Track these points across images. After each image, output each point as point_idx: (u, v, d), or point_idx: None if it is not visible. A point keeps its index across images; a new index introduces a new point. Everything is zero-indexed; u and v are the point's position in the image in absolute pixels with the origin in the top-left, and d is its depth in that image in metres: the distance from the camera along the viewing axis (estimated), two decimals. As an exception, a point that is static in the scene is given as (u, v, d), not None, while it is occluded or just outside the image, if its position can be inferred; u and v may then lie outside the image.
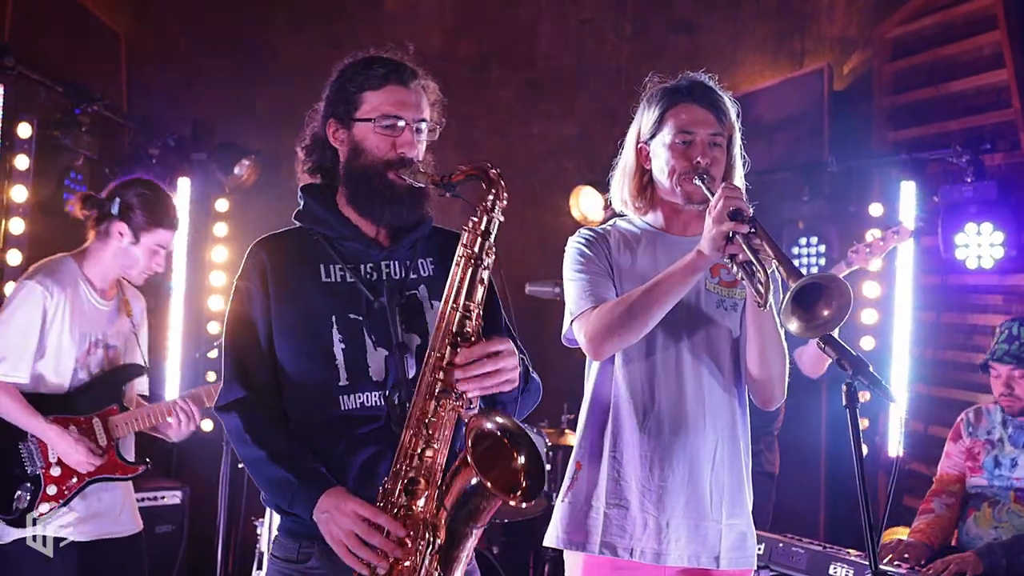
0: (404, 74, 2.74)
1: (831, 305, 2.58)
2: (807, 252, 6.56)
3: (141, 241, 4.20)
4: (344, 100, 2.73)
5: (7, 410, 4.03)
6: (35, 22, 6.34)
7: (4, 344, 4.04)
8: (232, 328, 2.72)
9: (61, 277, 4.13)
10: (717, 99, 3.19)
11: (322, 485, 2.50)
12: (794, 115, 7.23)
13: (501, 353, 2.48)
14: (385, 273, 2.73)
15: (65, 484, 4.11)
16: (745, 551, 3.12)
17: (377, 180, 2.68)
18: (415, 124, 2.72)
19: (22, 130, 5.59)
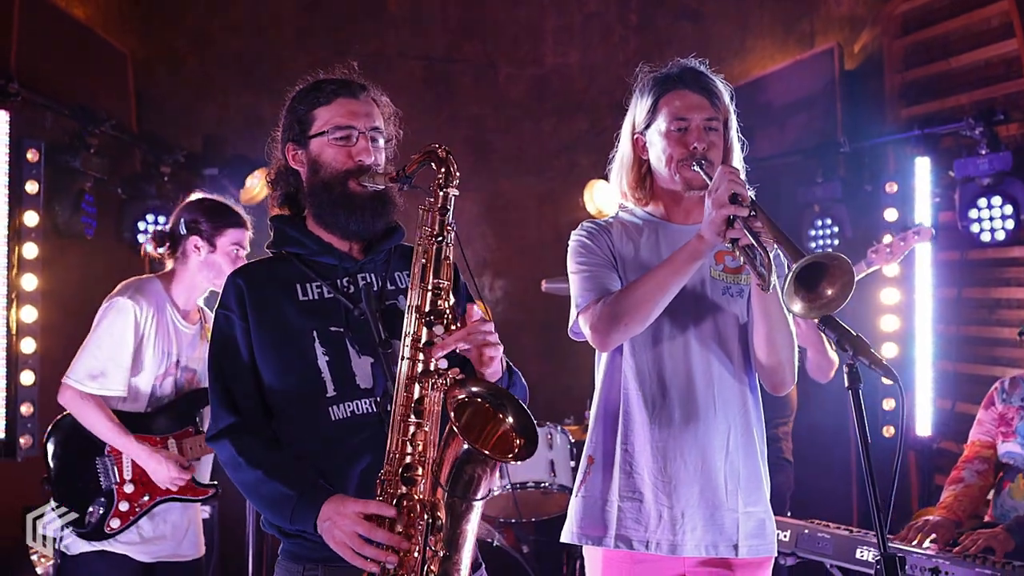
0: (353, 87, 2.77)
1: (835, 284, 2.55)
2: (823, 235, 6.48)
3: (218, 247, 4.26)
4: (297, 121, 2.76)
5: (98, 426, 4.11)
6: (41, 46, 6.36)
7: (102, 359, 4.13)
8: (216, 357, 2.72)
9: (149, 294, 4.22)
10: (709, 83, 3.14)
11: (322, 494, 2.48)
12: (805, 97, 7.18)
13: (481, 320, 2.48)
14: (362, 284, 2.74)
15: (137, 501, 4.16)
16: (764, 538, 3.09)
17: (338, 190, 2.69)
18: (369, 132, 2.73)
19: (30, 155, 5.62)
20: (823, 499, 6.50)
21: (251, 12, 7.70)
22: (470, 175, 8.22)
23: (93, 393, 4.12)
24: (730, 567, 3.05)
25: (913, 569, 3.89)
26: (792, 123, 7.22)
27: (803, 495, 5.78)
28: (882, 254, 5.07)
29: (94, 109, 6.24)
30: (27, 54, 6.13)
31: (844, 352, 2.48)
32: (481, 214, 8.09)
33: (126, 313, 4.13)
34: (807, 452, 5.86)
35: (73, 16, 7.06)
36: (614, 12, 8.07)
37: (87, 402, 4.11)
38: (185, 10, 7.63)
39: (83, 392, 4.11)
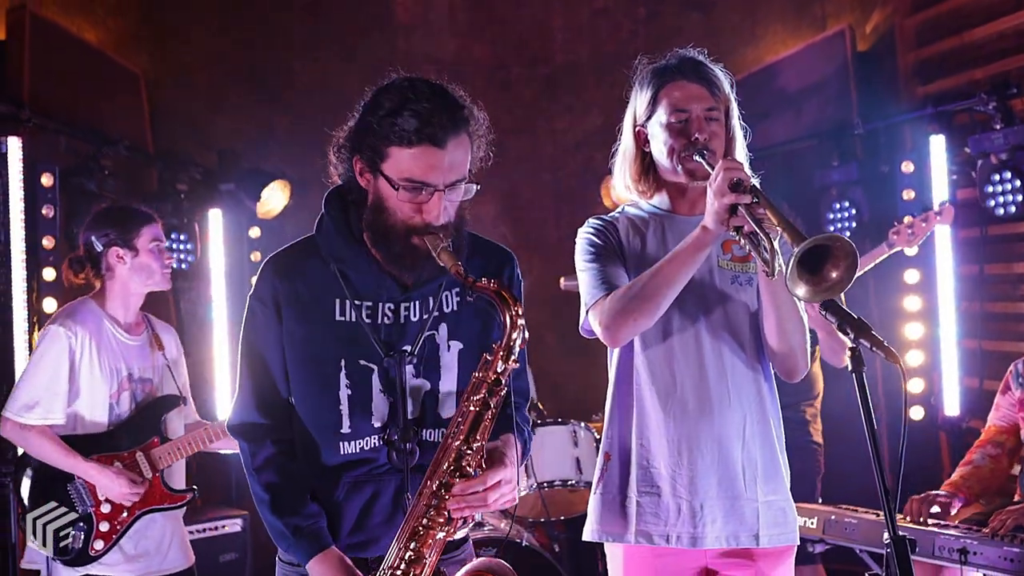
0: (438, 131, 2.41)
1: (839, 266, 2.51)
2: (841, 217, 6.42)
3: (139, 249, 4.24)
4: (370, 146, 2.47)
5: (46, 453, 4.11)
6: (54, 72, 6.42)
7: (35, 389, 4.12)
8: (247, 346, 2.68)
9: (83, 317, 4.20)
10: (709, 73, 3.12)
11: (316, 547, 2.53)
12: (819, 81, 7.14)
13: (498, 484, 2.46)
14: (404, 316, 2.62)
15: (117, 519, 4.18)
16: (786, 527, 3.06)
17: (399, 244, 2.49)
18: (446, 188, 2.47)
19: (44, 179, 5.67)
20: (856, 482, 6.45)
21: (260, 26, 7.72)
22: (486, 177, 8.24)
23: (33, 423, 4.10)
24: (752, 557, 3.03)
25: (941, 550, 3.86)
26: (807, 107, 7.17)
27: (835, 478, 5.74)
28: (903, 236, 5.03)
29: (107, 130, 6.30)
30: (40, 80, 6.19)
31: (846, 335, 2.45)
32: (499, 215, 8.09)
33: (59, 341, 4.12)
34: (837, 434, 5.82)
35: (84, 40, 7.12)
36: (621, 6, 8.06)
37: (28, 432, 4.11)
38: (194, 28, 7.65)
39: (22, 423, 4.10)
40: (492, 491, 2.44)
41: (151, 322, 4.47)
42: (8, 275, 5.53)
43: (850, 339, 2.43)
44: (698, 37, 7.59)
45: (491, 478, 2.44)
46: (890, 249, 5.05)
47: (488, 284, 2.40)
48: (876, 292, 6.43)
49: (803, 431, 5.15)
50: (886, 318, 6.40)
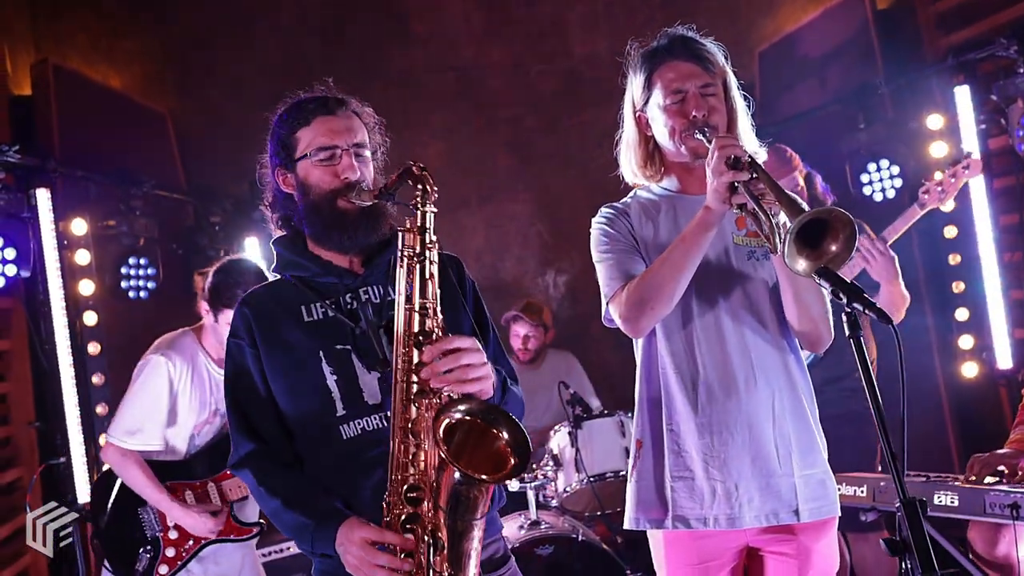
0: (330, 104, 2.77)
1: (837, 239, 2.49)
2: (877, 179, 6.30)
3: (220, 321, 4.34)
4: (282, 146, 2.78)
5: (134, 479, 4.28)
6: (81, 121, 6.55)
7: (137, 416, 4.30)
8: (231, 385, 2.77)
9: (181, 348, 4.37)
10: (700, 49, 3.09)
11: (336, 520, 2.52)
12: (842, 44, 7.04)
13: (466, 350, 2.46)
14: (364, 299, 2.76)
15: (183, 547, 4.31)
16: (826, 500, 3.03)
17: (327, 210, 2.72)
18: (352, 148, 2.73)
19: (76, 227, 5.78)
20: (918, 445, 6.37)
21: (280, 53, 7.79)
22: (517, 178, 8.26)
23: (132, 449, 4.26)
24: (793, 532, 3.00)
25: (992, 507, 3.78)
26: (832, 72, 7.08)
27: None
28: (934, 194, 4.96)
29: (139, 172, 6.39)
30: (68, 130, 6.34)
31: (839, 300, 2.42)
32: (534, 214, 8.10)
33: (160, 370, 4.28)
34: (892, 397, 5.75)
35: (109, 86, 7.26)
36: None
37: (127, 458, 4.27)
38: (216, 62, 7.76)
39: (123, 448, 4.26)
40: (464, 354, 2.45)
41: None
42: (50, 324, 5.65)
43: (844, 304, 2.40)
44: (715, 14, 7.61)
45: (457, 340, 2.47)
46: (922, 209, 4.98)
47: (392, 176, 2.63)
48: (920, 251, 6.35)
49: (859, 398, 5.08)
50: (931, 276, 6.32)
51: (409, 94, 7.96)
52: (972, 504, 3.85)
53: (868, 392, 2.32)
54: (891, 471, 2.24)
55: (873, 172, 6.23)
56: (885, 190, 6.19)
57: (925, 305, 6.33)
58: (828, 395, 4.81)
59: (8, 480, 5.75)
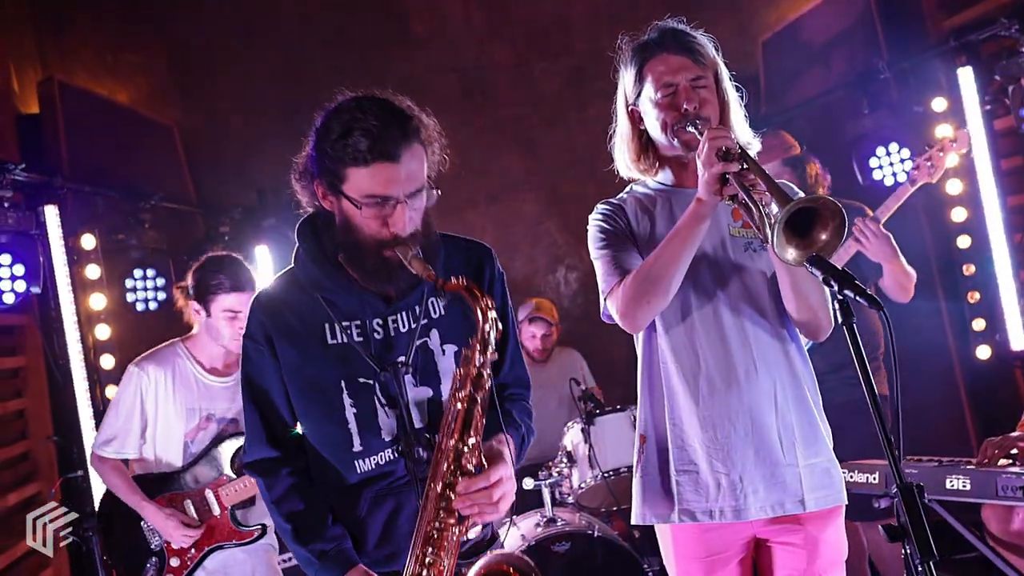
0: (390, 146, 2.43)
1: (827, 227, 2.50)
2: (887, 163, 6.27)
3: (212, 312, 4.36)
4: (328, 170, 2.49)
5: (115, 486, 4.37)
6: (88, 136, 6.60)
7: (112, 426, 4.38)
8: (249, 386, 2.73)
9: (160, 358, 4.41)
10: (690, 42, 3.08)
11: (341, 568, 2.58)
12: (846, 29, 7.03)
13: (499, 482, 2.47)
14: (393, 328, 2.65)
15: (186, 556, 4.35)
16: (832, 488, 3.02)
17: (371, 260, 2.53)
18: (408, 198, 2.48)
19: (86, 242, 5.82)
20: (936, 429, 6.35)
21: (283, 60, 7.84)
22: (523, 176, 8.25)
23: (108, 456, 4.35)
24: (800, 522, 3.00)
25: (1004, 489, 3.77)
26: (836, 58, 7.06)
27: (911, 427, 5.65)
28: (923, 170, 4.94)
29: (147, 185, 6.43)
30: (76, 145, 6.39)
31: (830, 288, 2.42)
32: (543, 212, 8.10)
33: (130, 380, 4.36)
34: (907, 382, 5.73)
35: (116, 101, 7.30)
36: (636, -17, 7.99)
37: (104, 465, 4.37)
38: (220, 72, 7.80)
39: (101, 456, 4.37)
40: (496, 488, 2.47)
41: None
42: (63, 339, 5.70)
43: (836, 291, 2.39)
44: (717, 4, 7.59)
45: (493, 475, 2.47)
46: (913, 186, 4.95)
47: (458, 282, 2.44)
48: (930, 234, 6.33)
49: (863, 385, 5.07)
50: (942, 259, 6.30)
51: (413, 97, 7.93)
52: (984, 487, 3.84)
53: (862, 379, 2.31)
54: (887, 456, 2.23)
55: (882, 156, 6.20)
56: (896, 174, 6.16)
57: (937, 289, 6.31)
58: (831, 383, 4.79)
59: (28, 494, 5.79)
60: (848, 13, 6.96)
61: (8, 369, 5.91)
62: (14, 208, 5.23)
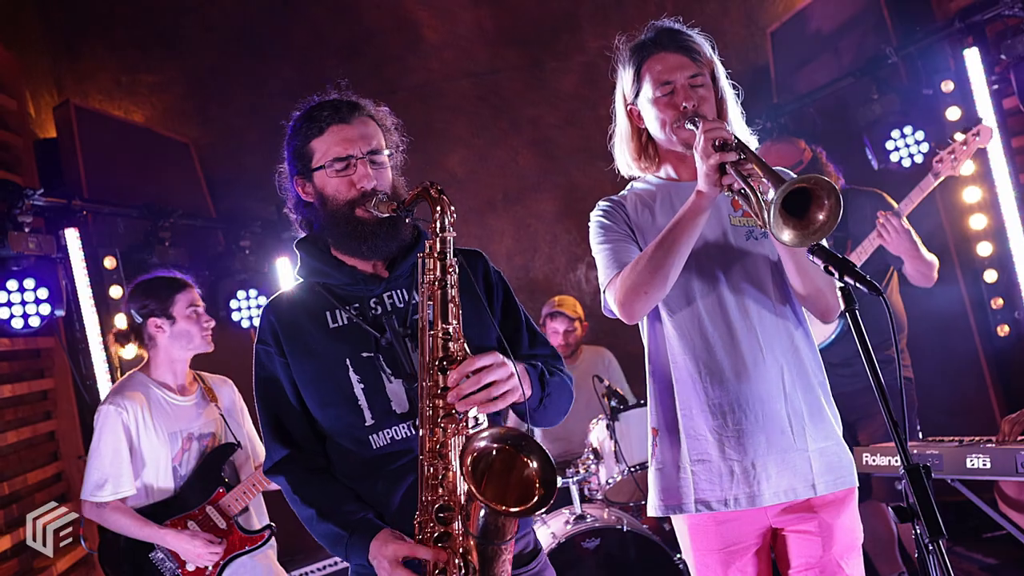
0: (342, 112, 2.75)
1: (822, 207, 2.51)
2: (902, 146, 6.24)
3: (176, 316, 4.41)
4: (297, 156, 2.77)
5: (124, 526, 4.29)
6: (106, 157, 6.69)
7: (101, 469, 4.29)
8: (261, 390, 2.81)
9: (129, 390, 4.38)
10: (686, 40, 3.12)
11: (369, 533, 2.57)
12: (853, 16, 7.03)
13: (489, 367, 2.50)
14: (389, 304, 2.78)
15: (205, 574, 4.35)
16: (841, 471, 3.04)
17: (345, 221, 2.71)
18: (367, 156, 2.72)
19: (107, 262, 5.90)
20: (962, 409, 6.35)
21: (297, 76, 7.91)
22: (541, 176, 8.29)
23: (106, 500, 4.27)
24: (813, 509, 3.03)
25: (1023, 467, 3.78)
26: (845, 45, 7.06)
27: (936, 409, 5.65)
28: (947, 163, 4.96)
29: (167, 202, 6.51)
30: (94, 167, 6.48)
31: (831, 275, 2.45)
32: (562, 210, 8.13)
33: (111, 419, 4.29)
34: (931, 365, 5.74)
35: (132, 122, 7.39)
36: (643, -21, 8.02)
37: (103, 510, 4.28)
38: (235, 88, 7.90)
39: (97, 503, 4.27)
40: (485, 373, 2.49)
41: (203, 379, 4.64)
42: (89, 359, 5.77)
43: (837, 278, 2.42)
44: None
45: (479, 360, 2.50)
46: (936, 179, 4.97)
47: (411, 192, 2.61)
48: (946, 215, 6.33)
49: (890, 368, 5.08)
50: (959, 240, 6.29)
51: (429, 103, 8.02)
52: (1004, 464, 3.84)
53: (866, 363, 2.33)
54: (894, 439, 2.25)
55: (898, 139, 6.18)
56: (913, 156, 6.15)
57: (955, 270, 6.30)
58: (856, 367, 4.83)
59: (62, 515, 5.86)
60: (855, 0, 6.98)
61: (37, 391, 5.98)
62: (35, 232, 5.30)
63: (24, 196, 5.16)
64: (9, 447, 5.56)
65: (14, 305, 5.20)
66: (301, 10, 7.99)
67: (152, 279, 4.53)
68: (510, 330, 2.89)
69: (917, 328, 5.56)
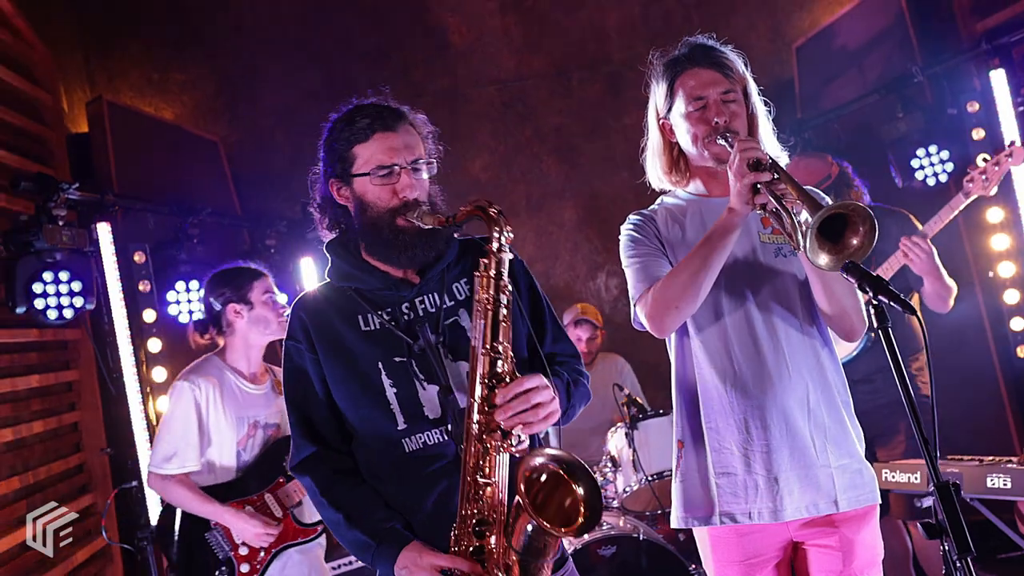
0: (388, 119, 2.74)
1: (858, 232, 2.55)
2: (926, 164, 6.25)
3: (253, 302, 4.53)
4: (338, 159, 2.76)
5: (186, 501, 4.41)
6: (136, 153, 6.77)
7: (170, 442, 4.44)
8: (291, 386, 2.84)
9: (205, 370, 4.51)
10: (720, 57, 3.15)
11: (398, 544, 2.60)
12: (879, 34, 7.06)
13: (536, 389, 2.53)
14: (420, 309, 2.80)
15: (256, 559, 4.43)
16: (863, 488, 3.08)
17: (387, 230, 2.72)
18: (411, 165, 2.73)
19: (137, 257, 5.97)
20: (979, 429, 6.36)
21: (325, 79, 7.98)
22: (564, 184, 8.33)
23: (172, 473, 4.41)
24: (834, 524, 3.06)
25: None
26: (870, 62, 7.09)
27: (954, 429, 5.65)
28: (978, 183, 4.97)
29: (194, 199, 6.58)
30: (125, 163, 6.55)
31: (865, 293, 2.49)
32: (583, 219, 8.17)
33: (185, 395, 4.43)
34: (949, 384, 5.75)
35: (163, 118, 7.47)
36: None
37: (168, 482, 4.42)
38: (263, 89, 7.97)
39: (163, 475, 4.41)
40: (533, 394, 2.52)
41: (274, 372, 4.74)
42: (116, 352, 5.84)
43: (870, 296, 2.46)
44: (750, 10, 7.66)
45: (527, 382, 2.53)
46: (967, 198, 4.99)
47: (465, 208, 2.61)
48: (968, 234, 6.35)
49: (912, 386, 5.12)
50: (980, 260, 6.31)
51: (454, 109, 8.07)
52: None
53: (898, 380, 2.38)
54: (924, 456, 2.29)
55: (923, 157, 6.21)
56: (938, 174, 6.17)
57: (976, 289, 6.33)
58: (876, 384, 4.86)
59: (84, 505, 5.93)
60: (881, 17, 7.00)
61: (63, 383, 6.06)
62: (68, 227, 5.36)
63: (60, 189, 5.22)
64: (35, 436, 5.64)
65: (49, 296, 5.26)
66: (330, 13, 8.05)
67: (228, 269, 4.65)
68: (535, 322, 2.93)
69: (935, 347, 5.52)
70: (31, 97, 6.16)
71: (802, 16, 7.85)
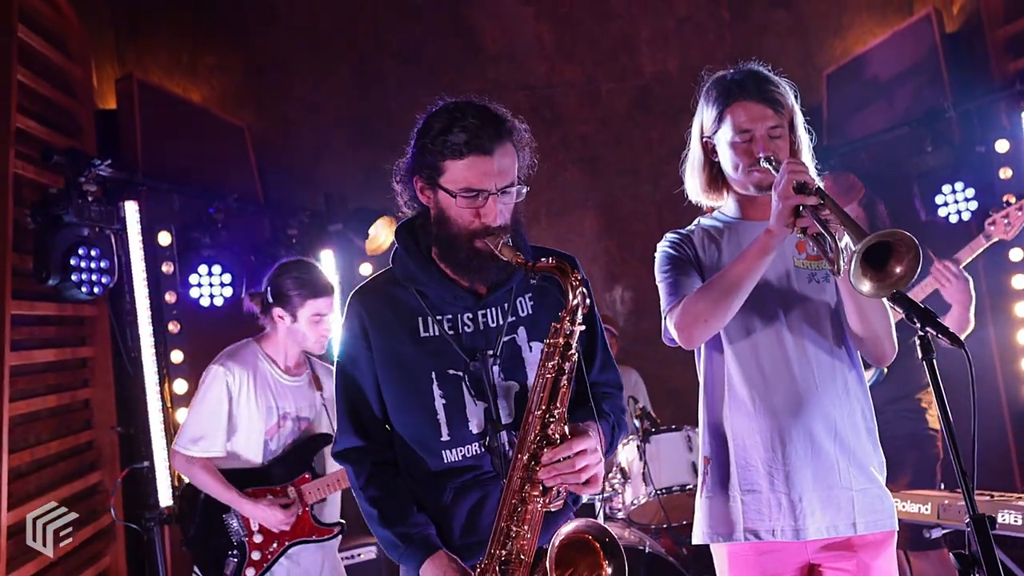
0: (486, 141, 2.62)
1: (902, 261, 2.57)
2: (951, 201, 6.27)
3: (299, 318, 4.51)
4: (428, 164, 2.67)
5: (207, 485, 4.45)
6: (163, 134, 6.78)
7: (199, 424, 4.47)
8: (342, 377, 2.85)
9: (241, 358, 4.53)
10: (772, 92, 3.16)
11: (425, 552, 2.66)
12: (911, 67, 7.09)
13: (583, 452, 2.57)
14: (482, 322, 2.79)
15: (268, 549, 4.47)
16: (882, 513, 3.10)
17: (464, 251, 2.68)
18: (500, 191, 2.66)
19: (162, 238, 5.99)
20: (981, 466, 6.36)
21: (354, 74, 8.02)
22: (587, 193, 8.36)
23: (197, 456, 4.44)
24: (852, 548, 3.07)
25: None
26: (900, 94, 7.11)
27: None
28: (1000, 226, 5.00)
29: (218, 185, 6.60)
30: (152, 143, 6.56)
31: (913, 324, 2.51)
32: (603, 229, 8.19)
33: (218, 379, 4.45)
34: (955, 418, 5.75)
35: (191, 101, 7.49)
36: (705, 11, 8.08)
37: (192, 464, 4.46)
38: (293, 80, 8.00)
39: (188, 456, 4.45)
40: (579, 458, 2.56)
41: (312, 363, 4.75)
42: (136, 332, 5.85)
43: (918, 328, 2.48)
44: (784, 34, 7.69)
45: (576, 445, 2.57)
46: (987, 241, 5.02)
47: (548, 262, 2.60)
48: (986, 274, 6.37)
49: (920, 419, 5.14)
50: (997, 299, 6.33)
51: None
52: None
53: (940, 413, 2.40)
54: (961, 488, 2.32)
55: (948, 194, 6.23)
56: (961, 212, 6.19)
57: (989, 327, 6.34)
58: (888, 415, 4.89)
59: (92, 482, 5.95)
60: (914, 50, 7.03)
61: (78, 359, 6.08)
62: (97, 202, 5.37)
63: (92, 165, 5.23)
64: (48, 411, 5.65)
65: (83, 272, 5.26)
66: (365, 9, 8.07)
67: (299, 275, 4.56)
68: (587, 352, 2.90)
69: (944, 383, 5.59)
70: (64, 70, 6.17)
71: (834, 44, 7.89)
